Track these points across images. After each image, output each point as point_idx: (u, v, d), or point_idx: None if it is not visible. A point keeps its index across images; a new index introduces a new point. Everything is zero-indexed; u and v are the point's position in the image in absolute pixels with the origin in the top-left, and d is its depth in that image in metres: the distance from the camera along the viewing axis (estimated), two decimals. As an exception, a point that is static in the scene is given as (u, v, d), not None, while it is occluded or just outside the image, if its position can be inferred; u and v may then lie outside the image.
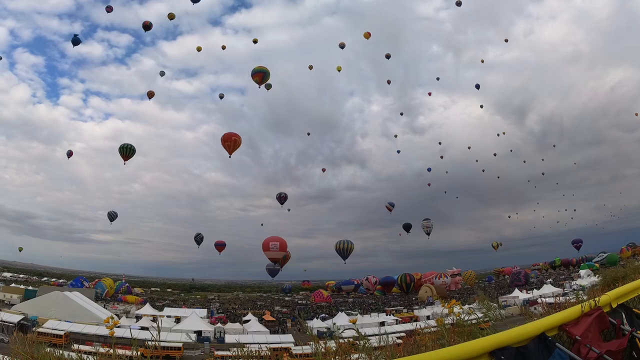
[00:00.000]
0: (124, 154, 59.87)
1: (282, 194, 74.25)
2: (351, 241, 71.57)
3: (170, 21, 75.08)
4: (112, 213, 75.56)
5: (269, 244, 64.41)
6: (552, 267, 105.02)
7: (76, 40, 62.84)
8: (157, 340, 3.65)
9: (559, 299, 6.05)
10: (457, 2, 68.86)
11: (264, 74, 57.33)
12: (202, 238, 79.87)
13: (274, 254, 64.01)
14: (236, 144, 56.79)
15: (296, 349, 26.21)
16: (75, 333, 36.64)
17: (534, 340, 3.03)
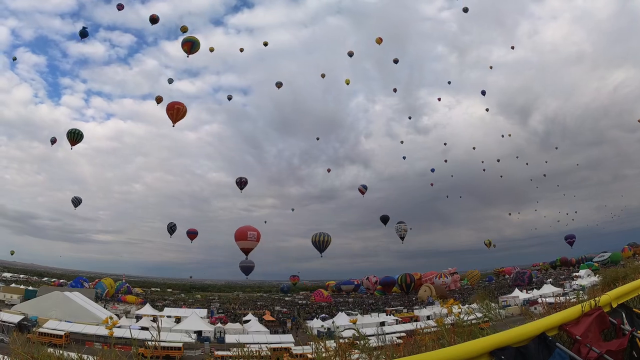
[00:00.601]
0: (72, 139, 59.54)
1: (242, 178, 72.04)
2: (328, 234, 69.07)
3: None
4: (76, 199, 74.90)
5: (247, 232, 61.22)
6: (553, 267, 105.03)
7: (84, 33, 62.65)
8: (157, 341, 3.65)
9: (559, 298, 6.05)
10: (464, 9, 69.86)
11: (192, 43, 55.55)
12: (175, 227, 78.24)
13: (249, 244, 60.76)
14: (180, 113, 54.91)
15: (296, 349, 26.21)
16: (75, 333, 36.65)
17: (534, 340, 3.03)
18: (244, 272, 68.93)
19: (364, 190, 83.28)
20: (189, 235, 76.40)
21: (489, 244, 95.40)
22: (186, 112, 56.36)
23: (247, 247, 60.65)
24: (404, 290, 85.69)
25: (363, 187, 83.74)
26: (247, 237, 60.65)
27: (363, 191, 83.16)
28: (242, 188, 71.47)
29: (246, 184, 71.85)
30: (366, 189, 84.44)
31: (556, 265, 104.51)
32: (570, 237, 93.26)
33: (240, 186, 71.13)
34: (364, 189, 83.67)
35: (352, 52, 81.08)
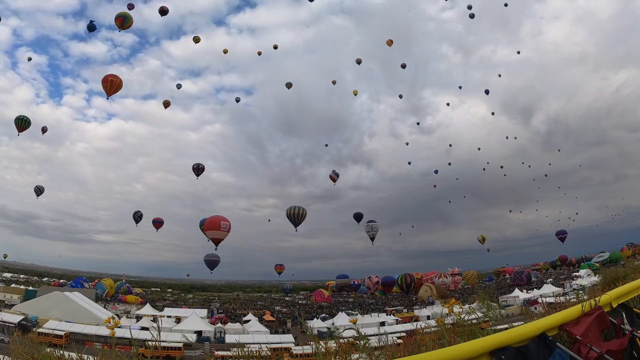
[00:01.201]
0: (19, 125, 59.03)
1: (199, 165, 69.70)
2: (304, 207, 65.38)
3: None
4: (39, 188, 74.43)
5: (220, 222, 57.95)
6: (553, 267, 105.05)
7: (92, 26, 61.94)
8: (157, 341, 3.65)
9: (559, 298, 6.05)
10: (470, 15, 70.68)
11: (124, 18, 54.12)
12: (141, 216, 76.32)
13: (220, 235, 57.41)
14: (113, 85, 53.37)
15: (296, 349, 26.23)
16: (75, 333, 36.65)
17: (534, 340, 3.03)
18: (210, 266, 65.74)
19: (335, 177, 79.49)
20: (155, 224, 73.95)
21: (483, 240, 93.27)
22: (122, 85, 54.53)
23: (219, 237, 57.27)
24: (404, 290, 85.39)
25: (334, 174, 79.87)
26: (220, 228, 57.41)
27: (334, 178, 79.30)
28: (199, 175, 69.03)
29: (203, 170, 69.79)
30: (338, 176, 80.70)
31: (556, 265, 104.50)
32: (562, 233, 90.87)
33: (196, 172, 68.60)
34: (336, 176, 79.83)
35: (360, 60, 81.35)
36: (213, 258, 65.06)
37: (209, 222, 58.92)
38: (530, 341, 3.01)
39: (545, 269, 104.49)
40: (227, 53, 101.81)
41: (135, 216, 76.38)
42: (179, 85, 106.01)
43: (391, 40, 72.25)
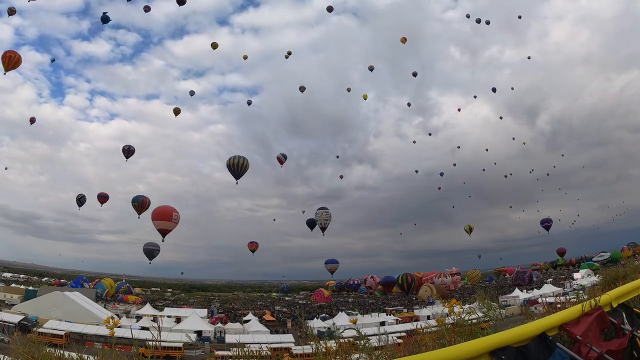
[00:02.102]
0: None
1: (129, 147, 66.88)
2: (246, 157, 61.31)
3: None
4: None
5: (172, 213, 55.63)
6: (553, 267, 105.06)
7: (105, 18, 61.43)
8: (157, 340, 3.65)
9: (560, 298, 6.04)
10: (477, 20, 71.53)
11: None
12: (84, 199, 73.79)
13: (170, 226, 55.23)
14: (12, 61, 51.32)
15: (296, 349, 26.24)
16: (75, 333, 36.68)
17: (534, 340, 3.03)
18: (149, 255, 63.42)
19: (283, 159, 76.45)
20: (100, 199, 70.98)
21: (469, 230, 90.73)
22: (20, 61, 52.61)
23: (167, 228, 55.06)
24: (404, 290, 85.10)
25: (282, 156, 76.68)
26: (172, 219, 55.25)
27: (282, 160, 76.24)
28: (128, 157, 66.30)
29: (133, 152, 66.96)
30: (285, 158, 77.37)
31: (556, 265, 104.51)
32: (547, 222, 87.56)
33: (126, 155, 65.92)
34: (284, 157, 76.71)
35: (373, 67, 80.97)
36: (152, 247, 63.07)
37: (160, 212, 55.83)
38: (531, 341, 3.01)
39: (545, 269, 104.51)
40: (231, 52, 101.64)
41: (77, 200, 73.87)
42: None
43: (405, 38, 72.19)
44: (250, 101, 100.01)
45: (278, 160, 75.73)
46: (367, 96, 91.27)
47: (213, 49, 73.79)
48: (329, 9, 73.35)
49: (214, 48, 73.96)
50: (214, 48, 73.96)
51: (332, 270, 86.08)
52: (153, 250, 63.27)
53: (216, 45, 74.31)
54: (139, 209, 58.91)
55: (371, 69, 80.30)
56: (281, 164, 76.02)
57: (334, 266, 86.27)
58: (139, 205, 59.06)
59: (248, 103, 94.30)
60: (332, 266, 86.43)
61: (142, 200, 59.79)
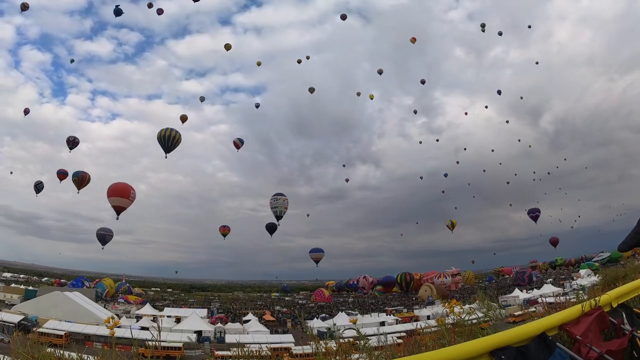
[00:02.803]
0: None
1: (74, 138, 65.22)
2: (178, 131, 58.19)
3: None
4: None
5: (130, 190, 53.56)
6: (553, 267, 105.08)
7: (118, 11, 60.91)
8: (157, 340, 3.65)
9: (559, 298, 6.05)
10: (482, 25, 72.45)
11: None
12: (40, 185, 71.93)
13: (126, 203, 53.05)
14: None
15: (296, 349, 26.22)
16: (75, 333, 36.66)
17: (534, 340, 3.03)
18: (101, 240, 61.73)
19: (239, 143, 74.56)
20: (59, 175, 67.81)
21: (452, 226, 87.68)
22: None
23: (123, 206, 52.89)
24: (403, 289, 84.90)
25: (239, 141, 74.67)
26: (130, 196, 53.04)
27: (238, 144, 74.45)
28: (72, 148, 64.70)
29: (77, 144, 65.71)
30: (242, 143, 75.46)
31: (556, 265, 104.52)
32: (534, 212, 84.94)
33: (70, 146, 64.25)
34: (240, 142, 74.76)
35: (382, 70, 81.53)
36: (105, 232, 61.96)
37: (117, 189, 53.40)
38: (531, 341, 3.01)
39: (545, 269, 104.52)
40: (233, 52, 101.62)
41: (35, 186, 72.22)
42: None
43: (414, 38, 72.51)
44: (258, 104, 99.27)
45: (235, 145, 73.94)
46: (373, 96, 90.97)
47: (226, 50, 73.62)
48: (342, 17, 75.24)
49: (228, 49, 73.71)
50: (228, 49, 73.71)
51: (317, 259, 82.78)
52: (105, 235, 62.09)
53: (229, 47, 74.03)
54: (78, 184, 58.30)
55: (380, 72, 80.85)
56: (237, 148, 74.15)
57: (318, 255, 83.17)
58: (78, 181, 58.52)
59: (256, 106, 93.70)
60: (316, 255, 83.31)
61: (82, 175, 59.28)
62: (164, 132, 56.47)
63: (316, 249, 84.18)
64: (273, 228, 72.50)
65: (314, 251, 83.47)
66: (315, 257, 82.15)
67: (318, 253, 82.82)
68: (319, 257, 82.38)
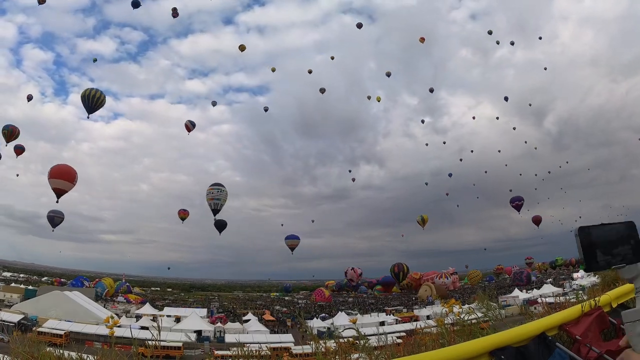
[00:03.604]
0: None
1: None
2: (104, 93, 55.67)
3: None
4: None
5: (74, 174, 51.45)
6: (552, 267, 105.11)
7: (136, 3, 59.49)
8: (157, 340, 3.65)
9: (559, 298, 6.04)
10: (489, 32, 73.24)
11: None
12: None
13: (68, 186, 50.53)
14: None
15: (296, 349, 26.20)
16: (75, 333, 36.65)
17: (534, 340, 3.03)
18: (53, 223, 60.03)
19: (190, 126, 72.70)
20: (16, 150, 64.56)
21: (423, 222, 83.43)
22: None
23: (65, 189, 50.62)
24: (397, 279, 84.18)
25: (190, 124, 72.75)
26: (73, 180, 51.02)
27: (190, 127, 72.53)
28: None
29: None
30: (194, 126, 73.67)
31: (555, 265, 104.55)
32: (517, 200, 79.30)
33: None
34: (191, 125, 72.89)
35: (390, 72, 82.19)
36: (55, 215, 60.45)
37: (60, 171, 51.04)
38: (530, 341, 3.01)
39: (544, 269, 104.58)
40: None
41: None
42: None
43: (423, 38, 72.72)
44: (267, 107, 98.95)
45: (186, 128, 72.11)
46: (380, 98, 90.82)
47: (241, 51, 73.04)
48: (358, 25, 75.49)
49: (242, 50, 73.21)
50: (242, 50, 73.21)
51: (292, 247, 79.06)
52: (55, 217, 60.76)
53: (244, 48, 73.44)
54: (7, 137, 56.88)
55: (388, 74, 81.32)
56: (188, 131, 72.43)
57: (294, 242, 79.56)
58: (7, 134, 57.09)
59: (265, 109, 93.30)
60: (292, 242, 79.65)
61: (12, 129, 58.12)
62: (88, 92, 54.00)
63: (292, 236, 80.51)
64: (222, 225, 69.27)
65: (290, 238, 79.72)
66: (290, 244, 78.56)
67: (293, 240, 79.21)
68: (295, 243, 78.91)
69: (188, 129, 72.05)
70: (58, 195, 50.48)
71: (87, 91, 54.29)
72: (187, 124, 72.41)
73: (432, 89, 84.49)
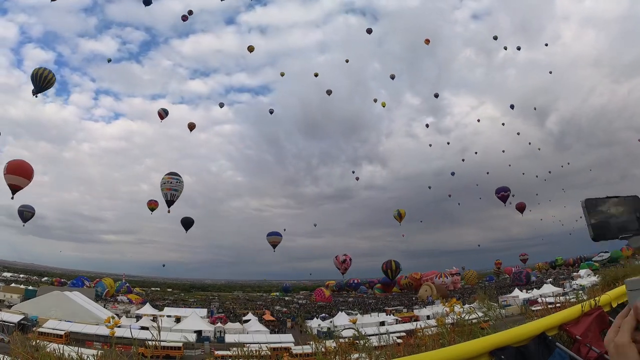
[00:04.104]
0: None
1: None
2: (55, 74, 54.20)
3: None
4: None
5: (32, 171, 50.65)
6: (553, 267, 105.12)
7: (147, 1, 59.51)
8: (157, 340, 3.65)
9: (559, 298, 6.04)
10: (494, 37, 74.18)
11: None
12: None
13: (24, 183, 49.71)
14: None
15: (296, 349, 26.20)
16: (75, 333, 36.65)
17: (534, 339, 3.03)
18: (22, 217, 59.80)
19: (163, 114, 71.69)
20: None
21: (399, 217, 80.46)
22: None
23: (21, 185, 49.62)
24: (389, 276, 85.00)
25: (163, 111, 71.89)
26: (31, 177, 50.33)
27: (162, 115, 71.53)
28: None
29: None
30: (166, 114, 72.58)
31: (556, 265, 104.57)
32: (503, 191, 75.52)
33: None
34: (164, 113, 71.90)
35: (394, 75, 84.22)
36: (25, 209, 60.34)
37: (18, 166, 49.81)
38: (530, 341, 3.01)
39: (545, 269, 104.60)
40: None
41: None
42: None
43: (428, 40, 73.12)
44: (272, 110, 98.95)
45: (159, 115, 71.74)
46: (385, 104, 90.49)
47: (250, 51, 73.69)
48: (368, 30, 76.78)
49: (251, 51, 73.82)
50: (251, 51, 73.82)
51: (274, 243, 76.36)
52: (24, 212, 60.85)
53: (252, 49, 74.07)
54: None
55: (392, 77, 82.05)
56: (161, 118, 72.09)
57: (276, 238, 76.93)
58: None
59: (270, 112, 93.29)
60: (273, 238, 76.93)
61: None
62: (38, 71, 52.41)
63: (273, 233, 78.18)
64: (189, 223, 68.14)
65: (272, 234, 77.12)
66: (272, 241, 75.87)
67: (275, 236, 76.77)
68: (277, 240, 76.33)
69: (161, 117, 71.62)
70: (13, 192, 49.52)
71: (38, 70, 52.55)
72: (160, 112, 71.96)
73: (437, 94, 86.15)
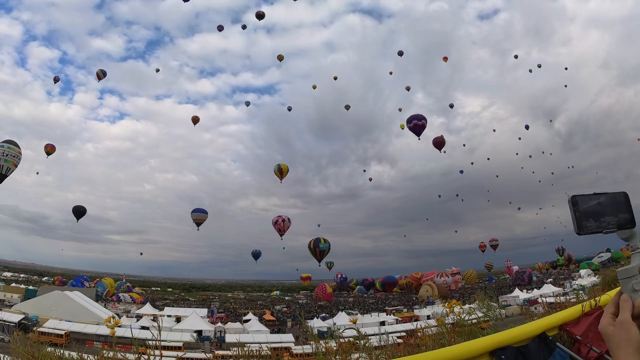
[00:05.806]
0: None
1: None
2: None
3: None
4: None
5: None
6: (553, 267, 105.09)
7: None
8: (157, 340, 3.65)
9: (559, 298, 6.04)
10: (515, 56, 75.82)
11: None
12: None
13: None
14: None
15: (297, 349, 26.24)
16: (75, 332, 36.70)
17: (534, 339, 3.03)
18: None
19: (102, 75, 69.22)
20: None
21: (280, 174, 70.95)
22: None
23: None
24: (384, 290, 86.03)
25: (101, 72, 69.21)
26: None
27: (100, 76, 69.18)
28: None
29: None
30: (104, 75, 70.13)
31: (556, 265, 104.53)
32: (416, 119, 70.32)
33: None
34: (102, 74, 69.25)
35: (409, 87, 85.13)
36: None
37: None
38: (531, 341, 3.01)
39: (545, 269, 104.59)
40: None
41: None
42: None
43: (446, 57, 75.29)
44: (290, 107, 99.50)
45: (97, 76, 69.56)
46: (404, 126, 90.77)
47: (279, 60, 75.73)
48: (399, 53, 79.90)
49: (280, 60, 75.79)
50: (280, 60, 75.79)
51: (199, 221, 69.26)
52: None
53: (282, 57, 76.09)
54: None
55: (408, 88, 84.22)
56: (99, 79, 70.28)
57: (201, 216, 69.96)
58: None
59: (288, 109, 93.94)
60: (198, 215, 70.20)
61: None
62: None
63: (198, 209, 71.02)
64: (81, 212, 64.80)
65: (196, 211, 70.02)
66: (196, 218, 68.99)
67: (200, 213, 69.72)
68: (202, 218, 69.55)
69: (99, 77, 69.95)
70: None
71: None
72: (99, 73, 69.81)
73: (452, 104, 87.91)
